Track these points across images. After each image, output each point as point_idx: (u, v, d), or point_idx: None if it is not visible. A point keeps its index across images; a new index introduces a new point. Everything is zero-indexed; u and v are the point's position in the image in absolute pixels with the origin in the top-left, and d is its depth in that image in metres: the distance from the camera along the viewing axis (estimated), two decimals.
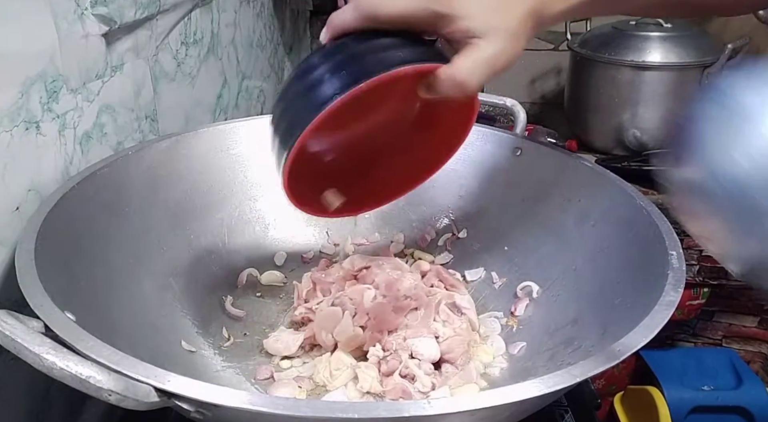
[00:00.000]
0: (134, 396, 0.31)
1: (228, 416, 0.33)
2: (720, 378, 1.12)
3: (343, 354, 0.54)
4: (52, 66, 0.51)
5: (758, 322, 1.20)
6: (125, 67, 0.63)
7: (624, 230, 0.52)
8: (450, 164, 0.70)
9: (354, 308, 0.55)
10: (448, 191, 0.70)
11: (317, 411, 0.30)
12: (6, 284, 0.46)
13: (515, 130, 0.72)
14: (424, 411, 0.30)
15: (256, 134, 0.68)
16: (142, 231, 0.56)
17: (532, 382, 0.33)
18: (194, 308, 0.57)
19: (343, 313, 0.55)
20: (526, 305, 0.59)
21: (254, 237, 0.67)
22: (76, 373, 0.31)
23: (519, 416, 0.39)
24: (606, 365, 0.35)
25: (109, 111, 0.61)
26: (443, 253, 0.69)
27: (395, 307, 0.56)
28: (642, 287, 0.45)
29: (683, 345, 1.26)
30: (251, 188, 0.68)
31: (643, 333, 0.37)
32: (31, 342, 0.32)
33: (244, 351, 0.57)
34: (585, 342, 0.48)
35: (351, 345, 0.54)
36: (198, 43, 0.81)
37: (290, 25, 1.26)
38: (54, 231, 0.44)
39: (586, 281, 0.55)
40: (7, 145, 0.46)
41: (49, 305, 0.36)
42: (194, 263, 0.61)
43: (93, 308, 0.43)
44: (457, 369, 0.54)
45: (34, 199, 0.50)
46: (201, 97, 0.84)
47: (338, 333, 0.54)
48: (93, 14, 0.55)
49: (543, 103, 1.56)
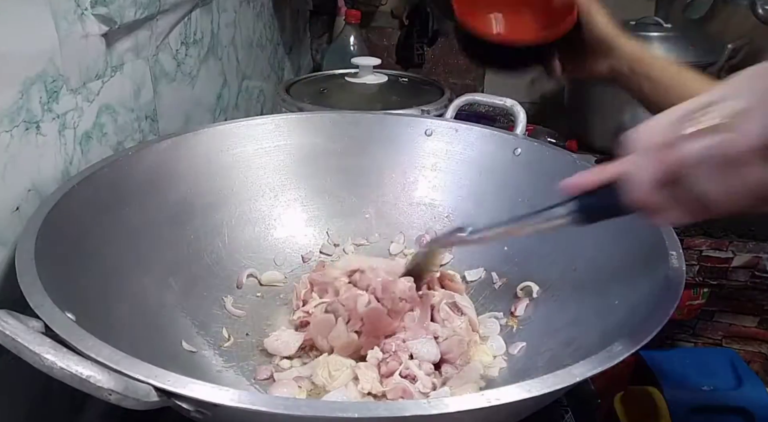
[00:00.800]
0: (134, 396, 0.31)
1: (228, 415, 0.33)
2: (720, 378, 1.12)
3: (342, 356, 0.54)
4: (52, 66, 0.51)
5: (758, 322, 1.20)
6: (125, 67, 0.63)
7: (624, 231, 0.52)
8: (450, 164, 0.71)
9: (347, 314, 0.55)
10: (448, 191, 0.71)
11: (317, 411, 0.30)
12: (6, 284, 0.46)
13: (515, 130, 0.72)
14: (424, 411, 0.30)
15: (256, 134, 0.68)
16: (141, 231, 0.55)
17: (532, 382, 0.33)
18: (194, 308, 0.57)
19: (336, 320, 0.55)
20: (526, 305, 0.59)
21: (254, 237, 0.67)
22: (76, 373, 0.31)
23: (519, 415, 0.39)
24: (606, 365, 0.35)
25: (109, 111, 0.61)
26: (443, 253, 0.69)
27: (390, 311, 0.56)
28: (642, 287, 0.45)
29: (683, 345, 1.26)
30: (251, 188, 0.68)
31: (643, 333, 0.37)
32: (31, 341, 0.32)
33: (244, 351, 0.57)
34: (585, 342, 0.48)
35: (347, 350, 0.54)
36: (198, 43, 0.81)
37: (290, 25, 1.26)
38: (54, 231, 0.44)
39: (586, 281, 0.55)
40: (7, 145, 0.46)
41: (49, 305, 0.36)
42: (194, 263, 0.61)
43: (93, 308, 0.43)
44: (457, 369, 0.54)
45: (34, 199, 0.50)
46: (201, 97, 0.84)
47: (333, 339, 0.54)
48: (93, 14, 0.55)
49: (543, 104, 1.56)
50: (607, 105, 1.13)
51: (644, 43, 1.12)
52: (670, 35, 1.11)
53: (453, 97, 0.85)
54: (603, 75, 0.69)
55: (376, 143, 0.72)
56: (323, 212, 0.71)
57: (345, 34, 1.26)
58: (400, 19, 1.52)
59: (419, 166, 0.72)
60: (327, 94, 0.91)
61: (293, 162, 0.70)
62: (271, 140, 0.69)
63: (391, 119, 0.73)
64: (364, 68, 0.95)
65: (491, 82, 1.59)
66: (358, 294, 0.56)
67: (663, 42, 1.11)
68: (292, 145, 0.70)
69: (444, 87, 0.95)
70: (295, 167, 0.70)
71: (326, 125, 0.71)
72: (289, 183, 0.70)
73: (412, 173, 0.72)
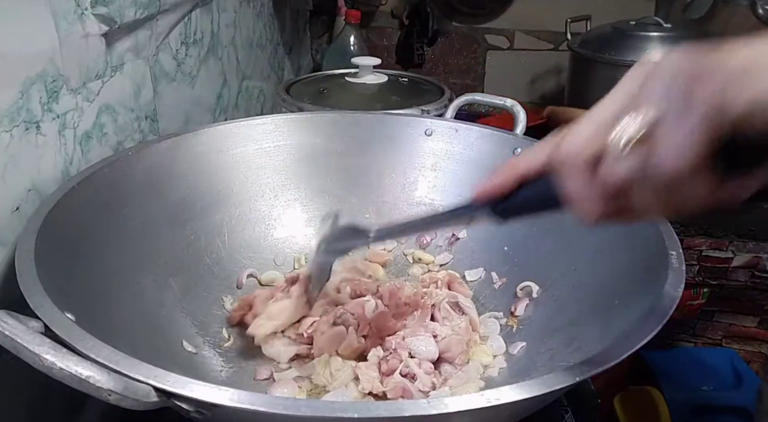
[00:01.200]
0: (134, 396, 0.31)
1: (227, 416, 0.33)
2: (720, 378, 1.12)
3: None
4: (52, 66, 0.51)
5: (758, 322, 1.20)
6: (125, 67, 0.63)
7: (624, 231, 0.52)
8: (450, 163, 0.71)
9: (357, 322, 0.55)
10: (448, 191, 0.71)
11: (317, 411, 0.30)
12: (6, 284, 0.46)
13: (515, 130, 0.72)
14: (424, 410, 0.30)
15: (256, 134, 0.68)
16: (141, 231, 0.55)
17: (532, 382, 0.33)
18: (194, 308, 0.57)
19: (348, 330, 0.55)
20: (526, 305, 0.59)
21: (254, 237, 0.67)
22: (76, 373, 0.31)
23: (519, 415, 0.39)
24: (606, 365, 0.35)
25: (109, 111, 0.61)
26: (443, 253, 0.69)
27: (395, 314, 0.56)
28: (642, 288, 0.45)
29: (683, 345, 1.26)
30: (251, 188, 0.68)
31: (642, 333, 0.37)
32: (31, 342, 0.32)
33: (244, 351, 0.57)
34: (585, 342, 0.48)
35: (353, 355, 0.55)
36: (198, 43, 0.81)
37: (290, 25, 1.26)
38: (54, 231, 0.44)
39: (586, 281, 0.55)
40: (7, 145, 0.46)
41: (49, 305, 0.36)
42: (194, 263, 0.61)
43: (93, 308, 0.43)
44: (456, 369, 0.54)
45: (34, 199, 0.50)
46: (201, 97, 0.84)
47: (344, 349, 0.55)
48: (93, 14, 0.55)
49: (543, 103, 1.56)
50: None
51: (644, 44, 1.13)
52: (670, 35, 1.11)
53: (453, 97, 0.85)
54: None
55: (376, 143, 0.72)
56: (323, 212, 0.71)
57: (345, 34, 1.26)
58: (400, 19, 1.53)
59: (419, 166, 0.72)
60: (327, 94, 0.91)
61: (293, 162, 0.70)
62: (271, 140, 0.69)
63: (391, 119, 0.73)
64: (364, 68, 0.95)
65: (491, 82, 1.59)
66: (365, 301, 0.56)
67: (663, 42, 1.11)
68: (292, 145, 0.70)
69: (444, 87, 0.95)
70: (295, 167, 0.70)
71: (326, 125, 0.71)
72: (289, 183, 0.70)
73: (412, 173, 0.72)
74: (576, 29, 1.25)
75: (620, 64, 1.10)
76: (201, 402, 0.31)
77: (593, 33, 1.22)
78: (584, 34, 1.23)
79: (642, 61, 0.30)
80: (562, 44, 1.49)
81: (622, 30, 1.15)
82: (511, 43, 1.55)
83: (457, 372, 0.53)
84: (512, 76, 1.57)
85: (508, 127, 0.72)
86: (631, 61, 1.09)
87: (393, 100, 0.91)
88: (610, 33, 1.17)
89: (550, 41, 1.53)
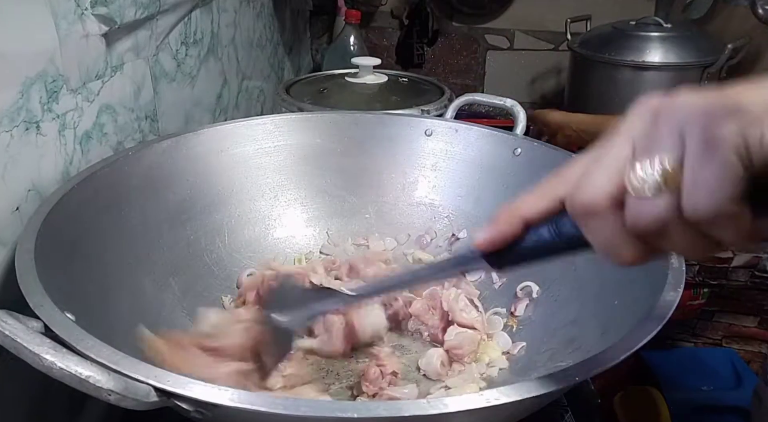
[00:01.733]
0: (134, 396, 0.31)
1: (227, 416, 0.33)
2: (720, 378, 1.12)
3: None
4: (52, 66, 0.51)
5: (758, 322, 1.20)
6: (125, 67, 0.63)
7: None
8: (450, 164, 0.71)
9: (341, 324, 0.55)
10: (448, 191, 0.71)
11: (316, 411, 0.30)
12: (6, 284, 0.46)
13: (515, 130, 0.72)
14: (424, 410, 0.30)
15: (256, 134, 0.68)
16: (141, 231, 0.56)
17: (532, 382, 0.33)
18: (194, 307, 0.57)
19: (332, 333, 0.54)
20: (526, 305, 0.59)
21: (254, 237, 0.67)
22: (76, 373, 0.31)
23: (519, 416, 0.39)
24: (606, 365, 0.35)
25: (109, 111, 0.61)
26: (443, 253, 0.69)
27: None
28: (642, 288, 0.45)
29: (683, 345, 1.26)
30: (251, 188, 0.68)
31: (642, 333, 0.37)
32: (31, 342, 0.32)
33: None
34: (585, 342, 0.48)
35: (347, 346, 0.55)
36: (198, 43, 0.81)
37: (290, 25, 1.26)
38: (54, 231, 0.44)
39: (586, 281, 0.55)
40: (7, 145, 0.46)
41: (49, 305, 0.36)
42: (194, 263, 0.61)
43: (93, 309, 0.43)
44: (464, 366, 0.54)
45: (34, 199, 0.50)
46: (201, 97, 0.84)
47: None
48: (93, 14, 0.55)
49: (543, 104, 1.56)
50: (607, 105, 1.13)
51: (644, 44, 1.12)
52: (670, 35, 1.11)
53: (453, 97, 0.85)
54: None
55: (376, 143, 0.72)
56: (323, 212, 0.71)
57: (345, 34, 1.26)
58: (400, 19, 1.53)
59: (419, 166, 0.72)
60: (327, 94, 0.91)
61: (293, 162, 0.70)
62: (271, 140, 0.69)
63: (391, 119, 0.73)
64: (364, 68, 0.95)
65: (491, 82, 1.59)
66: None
67: (663, 42, 1.11)
68: (292, 145, 0.70)
69: (444, 87, 0.95)
70: (295, 167, 0.70)
71: (326, 125, 0.71)
72: (289, 183, 0.70)
73: (412, 173, 0.72)
74: (576, 29, 1.25)
75: (620, 65, 1.10)
76: (201, 402, 0.31)
77: (593, 33, 1.22)
78: (584, 34, 1.23)
79: (641, 100, 0.30)
80: (562, 44, 1.49)
81: (622, 30, 1.15)
82: (511, 43, 1.55)
83: (463, 370, 0.54)
84: (512, 76, 1.57)
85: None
86: (631, 61, 1.09)
87: (393, 101, 0.91)
88: (610, 33, 1.17)
89: (550, 41, 1.53)
